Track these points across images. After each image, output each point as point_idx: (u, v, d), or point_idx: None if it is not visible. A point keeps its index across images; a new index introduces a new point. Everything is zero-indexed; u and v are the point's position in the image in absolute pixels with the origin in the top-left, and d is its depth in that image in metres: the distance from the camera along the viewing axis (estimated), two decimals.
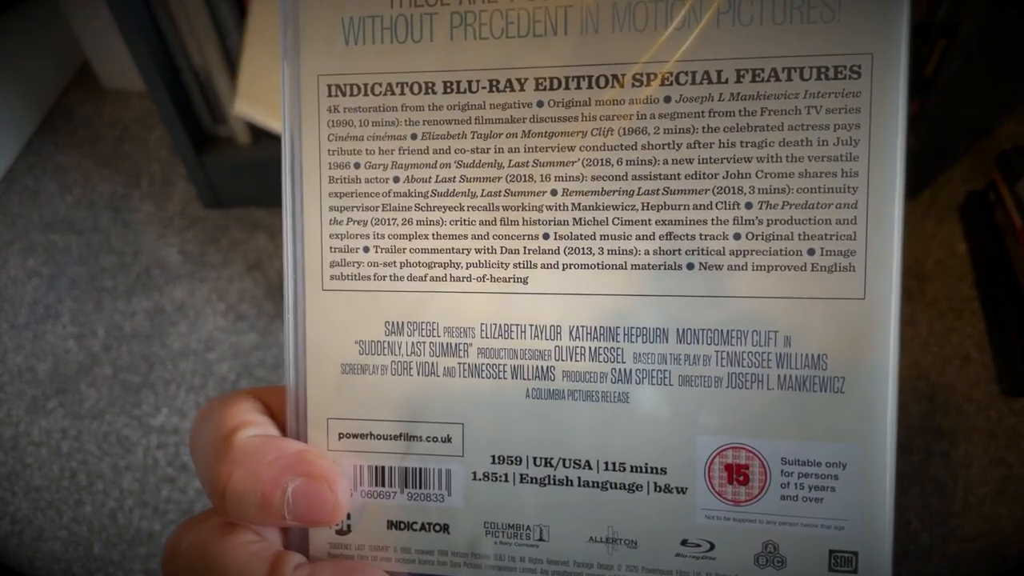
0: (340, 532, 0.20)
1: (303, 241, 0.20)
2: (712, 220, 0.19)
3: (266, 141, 0.93)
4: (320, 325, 0.20)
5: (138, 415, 0.79)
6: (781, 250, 0.18)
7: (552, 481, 0.20)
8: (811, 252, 0.18)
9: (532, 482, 0.20)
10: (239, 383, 0.81)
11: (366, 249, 0.20)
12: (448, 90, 0.19)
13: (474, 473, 0.20)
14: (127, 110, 1.11)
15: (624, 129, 0.19)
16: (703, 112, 0.18)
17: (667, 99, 0.19)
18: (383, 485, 0.20)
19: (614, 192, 0.19)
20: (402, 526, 0.20)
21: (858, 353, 0.18)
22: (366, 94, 0.20)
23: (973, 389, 0.77)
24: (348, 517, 0.20)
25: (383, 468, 0.20)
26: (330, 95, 0.20)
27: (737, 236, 0.18)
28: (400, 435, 0.20)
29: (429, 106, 0.19)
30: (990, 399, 0.76)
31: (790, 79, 0.18)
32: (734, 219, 0.18)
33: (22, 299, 0.90)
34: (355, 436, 0.20)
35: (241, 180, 0.94)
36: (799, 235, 0.18)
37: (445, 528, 0.20)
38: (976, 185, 0.93)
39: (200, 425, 0.19)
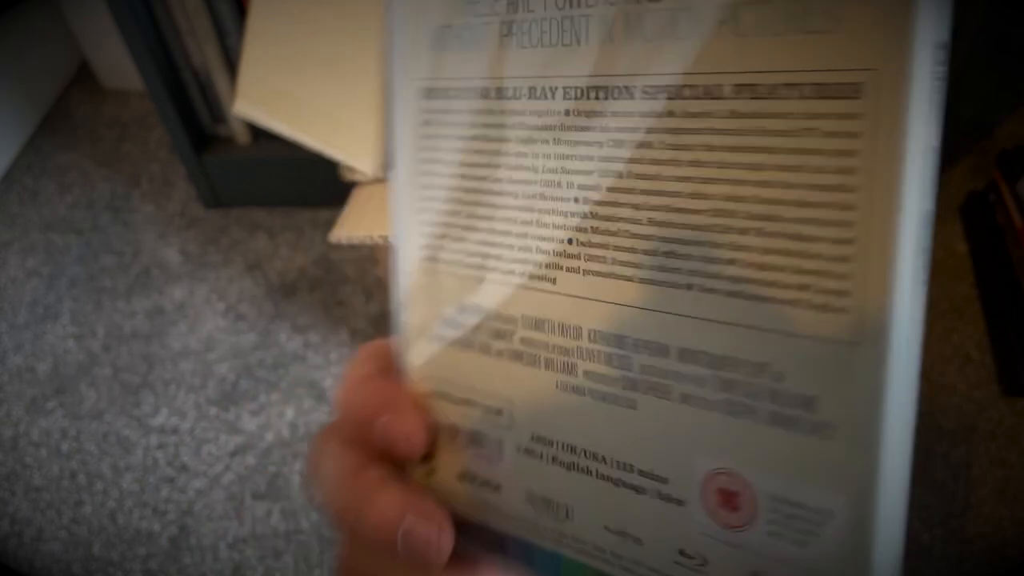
0: (427, 472, 0.23)
1: (403, 228, 0.22)
2: (709, 243, 0.18)
3: (266, 141, 0.93)
4: (412, 300, 0.23)
5: (138, 415, 0.79)
6: (774, 282, 0.17)
7: (576, 468, 0.21)
8: (803, 288, 0.17)
9: (560, 465, 0.21)
10: (239, 383, 0.81)
11: (442, 236, 0.22)
12: (498, 96, 0.20)
13: (518, 446, 0.21)
14: (126, 110, 1.11)
15: (634, 143, 0.19)
16: (702, 129, 0.18)
17: (671, 114, 0.18)
18: (455, 442, 0.22)
19: (624, 205, 0.19)
20: (468, 478, 0.22)
21: (849, 400, 0.17)
22: (447, 98, 0.21)
23: (974, 389, 0.77)
24: (431, 460, 0.23)
25: (456, 428, 0.22)
26: (422, 98, 0.22)
27: (732, 262, 0.18)
28: (466, 400, 0.22)
29: (486, 111, 0.21)
30: (991, 399, 0.76)
31: (788, 97, 0.17)
32: (729, 244, 0.18)
33: (22, 299, 0.90)
34: (436, 397, 0.23)
35: (241, 180, 0.94)
36: (792, 268, 0.17)
37: (497, 488, 0.22)
38: (977, 185, 0.93)
39: (352, 364, 0.24)
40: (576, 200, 0.20)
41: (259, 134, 0.92)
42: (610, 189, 0.19)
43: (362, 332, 0.84)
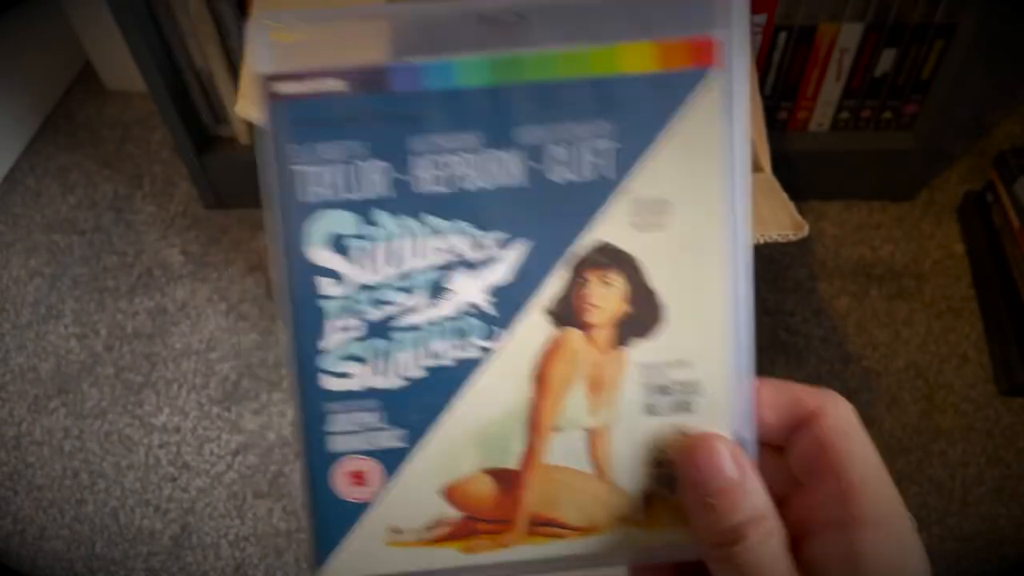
0: None
1: None
2: None
3: None
4: None
5: (140, 414, 0.80)
6: None
7: None
8: None
9: None
10: (240, 382, 0.81)
11: None
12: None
13: None
14: (129, 111, 1.11)
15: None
16: None
17: None
18: None
19: None
20: None
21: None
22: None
23: (971, 389, 0.77)
24: None
25: None
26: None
27: None
28: None
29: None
30: (988, 399, 0.76)
31: None
32: None
33: (24, 299, 0.91)
34: None
35: (242, 181, 0.95)
36: None
37: None
38: (974, 186, 0.93)
39: None
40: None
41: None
42: None
43: None
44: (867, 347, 0.80)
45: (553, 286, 0.24)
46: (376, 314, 0.24)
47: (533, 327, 0.24)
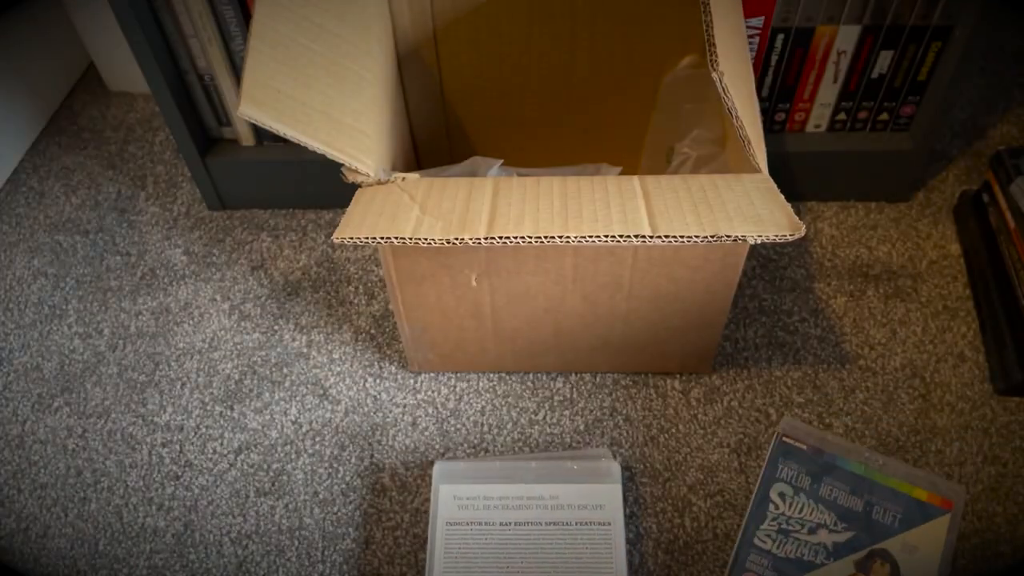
0: None
1: None
2: None
3: (270, 144, 0.94)
4: None
5: (143, 413, 0.80)
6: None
7: None
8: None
9: None
10: (243, 381, 0.82)
11: None
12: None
13: None
14: (132, 112, 1.12)
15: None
16: None
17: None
18: None
19: None
20: None
21: None
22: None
23: (967, 388, 0.78)
24: None
25: None
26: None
27: None
28: None
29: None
30: (984, 398, 0.77)
31: None
32: None
33: (28, 299, 0.91)
34: None
35: (245, 182, 0.95)
36: None
37: None
38: (970, 186, 0.94)
39: None
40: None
41: (263, 137, 0.94)
42: None
43: (364, 331, 0.85)
44: (864, 346, 0.81)
45: (859, 555, 0.62)
46: (784, 527, 0.63)
47: (847, 564, 0.61)
